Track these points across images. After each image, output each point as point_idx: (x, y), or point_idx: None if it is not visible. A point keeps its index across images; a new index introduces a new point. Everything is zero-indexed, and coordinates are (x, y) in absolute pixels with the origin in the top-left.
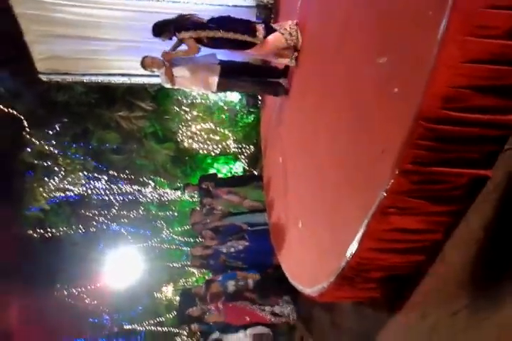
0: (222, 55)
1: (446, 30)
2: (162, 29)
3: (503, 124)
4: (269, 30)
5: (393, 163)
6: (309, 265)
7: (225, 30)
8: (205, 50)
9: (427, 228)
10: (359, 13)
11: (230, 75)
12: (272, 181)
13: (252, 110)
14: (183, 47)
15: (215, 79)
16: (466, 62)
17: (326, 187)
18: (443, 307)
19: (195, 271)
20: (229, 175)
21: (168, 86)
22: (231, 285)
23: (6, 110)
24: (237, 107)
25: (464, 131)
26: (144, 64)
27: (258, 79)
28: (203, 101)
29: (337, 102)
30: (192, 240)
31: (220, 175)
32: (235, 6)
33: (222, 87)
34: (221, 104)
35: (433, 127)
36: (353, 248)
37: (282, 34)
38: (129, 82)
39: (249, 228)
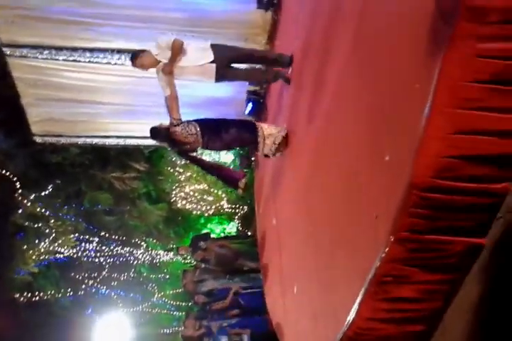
0: None
1: (433, 103)
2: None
3: (494, 193)
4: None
5: (388, 230)
6: (305, 335)
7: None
8: None
9: (424, 297)
10: (347, 85)
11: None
12: (265, 242)
13: (245, 170)
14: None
15: (212, 67)
16: (454, 134)
17: (320, 252)
18: None
19: None
20: (222, 235)
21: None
22: None
23: None
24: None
25: (457, 200)
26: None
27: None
28: None
29: (330, 166)
30: (184, 304)
31: (213, 235)
32: None
33: (221, 75)
34: None
35: (426, 196)
36: (350, 317)
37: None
38: (123, 143)
39: (242, 291)
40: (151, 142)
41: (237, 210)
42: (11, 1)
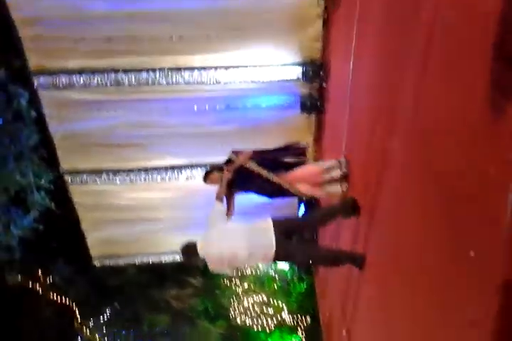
0: None
1: None
2: (211, 169)
3: None
4: None
5: (486, 338)
6: None
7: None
8: None
9: None
10: (413, 179)
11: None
12: None
13: (303, 277)
14: None
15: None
16: None
17: None
18: None
19: None
20: None
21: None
22: None
23: (59, 299)
24: (288, 275)
25: None
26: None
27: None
28: (253, 271)
29: (409, 266)
30: None
31: None
32: None
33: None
34: (271, 273)
35: None
36: None
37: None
38: (179, 259)
39: None
40: None
41: (299, 322)
42: (71, 133)
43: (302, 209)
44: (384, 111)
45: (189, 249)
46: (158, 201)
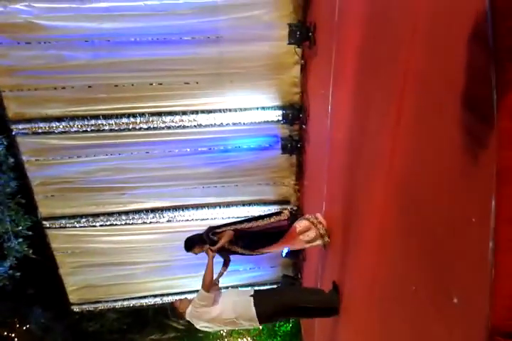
0: None
1: (498, 237)
2: (194, 242)
3: None
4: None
5: None
6: None
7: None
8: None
9: None
10: (393, 228)
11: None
12: None
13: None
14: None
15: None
16: None
17: None
18: None
19: None
20: None
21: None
22: None
23: None
24: None
25: None
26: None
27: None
28: None
29: (393, 316)
30: None
31: None
32: None
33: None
34: None
35: None
36: None
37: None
38: (160, 302)
39: None
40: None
41: None
42: (49, 178)
43: (286, 250)
44: (361, 155)
45: (178, 314)
46: (139, 244)
